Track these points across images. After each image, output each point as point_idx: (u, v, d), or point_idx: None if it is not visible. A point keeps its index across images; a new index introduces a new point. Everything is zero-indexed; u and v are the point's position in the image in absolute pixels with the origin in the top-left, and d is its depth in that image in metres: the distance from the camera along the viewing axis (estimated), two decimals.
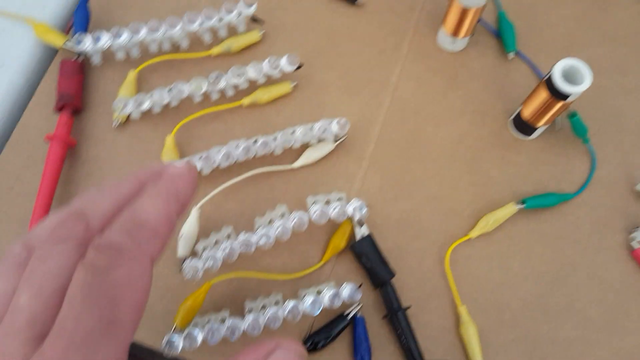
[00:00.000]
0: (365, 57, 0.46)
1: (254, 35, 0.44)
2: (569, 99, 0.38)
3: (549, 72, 0.38)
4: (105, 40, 0.40)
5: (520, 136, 0.44)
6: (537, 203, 0.41)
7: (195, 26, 0.42)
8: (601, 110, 0.45)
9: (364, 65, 0.46)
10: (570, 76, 0.38)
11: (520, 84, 0.46)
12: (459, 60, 0.47)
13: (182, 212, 0.23)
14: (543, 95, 0.39)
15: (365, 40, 0.47)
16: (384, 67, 0.46)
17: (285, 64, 0.42)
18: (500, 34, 0.47)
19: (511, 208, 0.41)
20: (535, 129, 0.43)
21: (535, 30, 0.48)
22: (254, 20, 0.44)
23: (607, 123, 0.45)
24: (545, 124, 0.42)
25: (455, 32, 0.44)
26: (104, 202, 0.22)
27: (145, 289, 0.20)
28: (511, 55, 0.46)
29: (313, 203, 0.38)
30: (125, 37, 0.41)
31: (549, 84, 0.38)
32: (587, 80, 0.37)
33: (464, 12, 0.42)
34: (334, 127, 0.40)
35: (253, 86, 0.43)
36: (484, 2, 0.41)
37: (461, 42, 0.46)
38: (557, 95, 0.38)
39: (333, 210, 0.36)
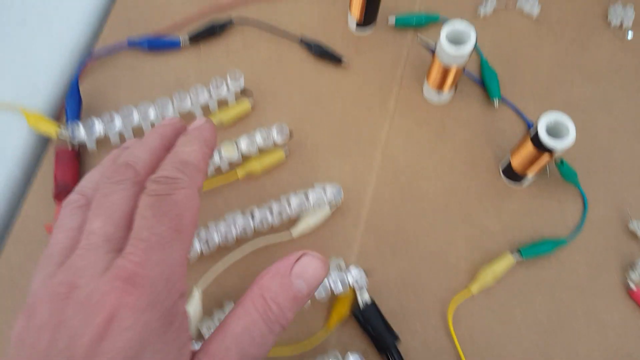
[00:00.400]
0: (354, 116, 0.47)
1: (245, 106, 0.45)
2: (559, 151, 0.39)
3: (534, 127, 0.39)
4: (98, 128, 0.41)
5: (512, 184, 0.45)
6: (533, 252, 0.42)
7: (185, 104, 0.43)
8: (589, 150, 0.46)
9: (353, 125, 0.47)
10: (555, 129, 0.39)
11: (507, 130, 0.47)
12: (446, 112, 0.48)
13: (211, 155, 0.28)
14: (529, 148, 0.40)
15: (353, 99, 0.48)
16: (373, 125, 0.47)
17: (276, 135, 0.42)
18: (484, 82, 0.48)
19: (509, 260, 0.42)
20: (525, 177, 0.44)
21: (518, 74, 0.49)
22: (244, 92, 0.45)
23: (596, 163, 0.46)
24: (535, 172, 0.43)
25: (440, 87, 0.45)
26: (143, 154, 0.27)
27: (197, 209, 0.25)
28: (496, 102, 0.47)
29: None
30: (118, 123, 0.41)
31: (535, 139, 0.39)
32: (571, 133, 0.38)
33: (446, 70, 0.43)
34: (329, 195, 0.41)
35: (247, 157, 0.44)
36: (465, 61, 0.42)
37: (447, 94, 0.47)
38: (543, 149, 0.39)
39: (334, 285, 0.37)
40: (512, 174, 0.44)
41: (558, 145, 0.38)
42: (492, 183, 0.45)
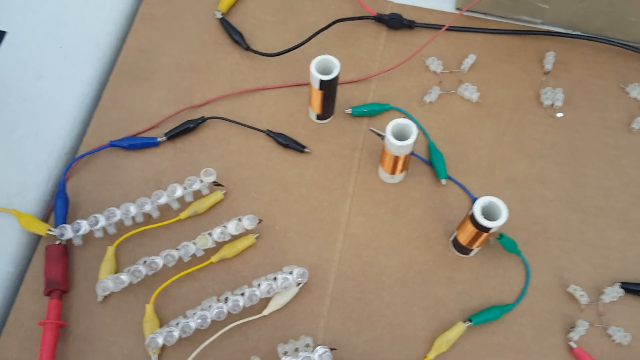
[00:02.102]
0: (318, 199, 0.52)
1: (218, 196, 0.50)
2: (493, 229, 0.44)
3: (471, 209, 0.44)
4: (84, 228, 0.46)
5: (461, 255, 0.50)
6: (482, 319, 0.47)
7: (162, 200, 0.47)
8: (528, 220, 0.51)
9: (317, 208, 0.52)
10: (490, 210, 0.44)
11: (455, 206, 0.52)
12: (400, 191, 0.53)
13: None
14: (470, 227, 0.45)
15: (316, 184, 0.53)
16: (335, 207, 0.52)
17: (247, 224, 0.47)
18: (432, 163, 0.54)
19: (460, 327, 0.46)
20: (472, 249, 0.49)
21: (462, 154, 0.54)
22: (216, 184, 0.50)
23: (535, 232, 0.51)
24: (479, 246, 0.48)
25: (392, 172, 0.51)
26: None
27: None
28: (443, 181, 0.53)
29: (284, 354, 0.42)
30: (101, 223, 0.46)
31: (472, 219, 0.44)
32: (503, 214, 0.43)
33: (395, 158, 0.49)
34: (295, 278, 0.45)
35: (220, 242, 0.48)
36: (410, 150, 0.48)
37: (399, 176, 0.52)
38: (481, 228, 0.44)
39: None
40: (460, 247, 0.49)
41: (492, 225, 0.43)
42: (444, 255, 0.50)
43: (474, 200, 0.52)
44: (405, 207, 0.52)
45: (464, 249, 0.49)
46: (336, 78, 0.49)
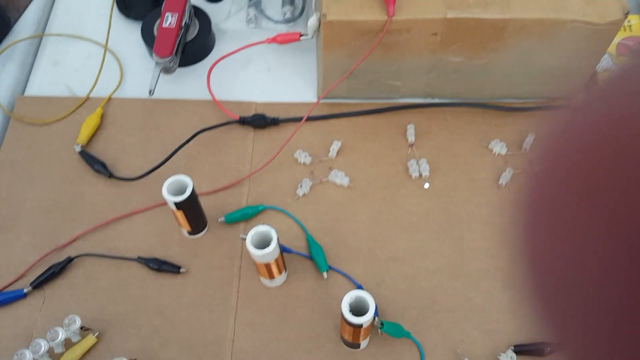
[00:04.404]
0: (199, 321, 0.50)
1: (90, 340, 0.48)
2: (365, 324, 0.43)
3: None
4: None
5: (353, 350, 0.48)
6: None
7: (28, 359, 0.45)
8: (415, 296, 0.51)
9: (199, 330, 0.50)
10: (360, 304, 0.43)
11: (341, 297, 0.51)
12: (284, 293, 0.52)
13: None
14: (346, 325, 0.44)
15: (196, 304, 0.51)
16: (219, 324, 0.50)
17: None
18: (312, 257, 0.53)
19: None
20: (360, 343, 0.47)
21: (342, 241, 0.54)
22: (85, 329, 0.48)
23: (423, 307, 0.50)
24: (364, 339, 0.46)
25: (269, 276, 0.50)
26: None
27: None
28: (325, 274, 0.52)
29: None
30: None
31: (343, 317, 0.43)
32: (371, 307, 0.42)
33: (266, 265, 0.48)
34: None
35: None
36: (274, 256, 0.47)
37: (279, 278, 0.51)
38: (353, 325, 0.43)
39: None
40: (348, 343, 0.47)
41: (361, 321, 0.42)
42: (336, 352, 0.49)
43: (358, 286, 0.52)
44: (291, 308, 0.51)
45: (352, 345, 0.47)
46: (191, 195, 0.49)
